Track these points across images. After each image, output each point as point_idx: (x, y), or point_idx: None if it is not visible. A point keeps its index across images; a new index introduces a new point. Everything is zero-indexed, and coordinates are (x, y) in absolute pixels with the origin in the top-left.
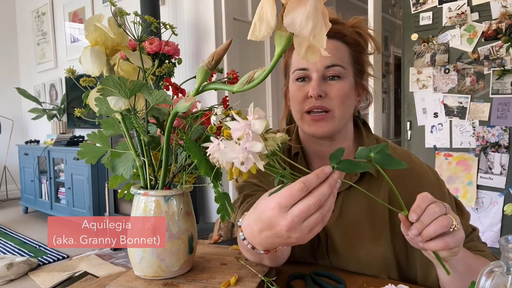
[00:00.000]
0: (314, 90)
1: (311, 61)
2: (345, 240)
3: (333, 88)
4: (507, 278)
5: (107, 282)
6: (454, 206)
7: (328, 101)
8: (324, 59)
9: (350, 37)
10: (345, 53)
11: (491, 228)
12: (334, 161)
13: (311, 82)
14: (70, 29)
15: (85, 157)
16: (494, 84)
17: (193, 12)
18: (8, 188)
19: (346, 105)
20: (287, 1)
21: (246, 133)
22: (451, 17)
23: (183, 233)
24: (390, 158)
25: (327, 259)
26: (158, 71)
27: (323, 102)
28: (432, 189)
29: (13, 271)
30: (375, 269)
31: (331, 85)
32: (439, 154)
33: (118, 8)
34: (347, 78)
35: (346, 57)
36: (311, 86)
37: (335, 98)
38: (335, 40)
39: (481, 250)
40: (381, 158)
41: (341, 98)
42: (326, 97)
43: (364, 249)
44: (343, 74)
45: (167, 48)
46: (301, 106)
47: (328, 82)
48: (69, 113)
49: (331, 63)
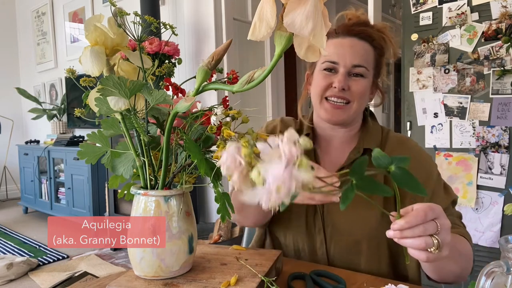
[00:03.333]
0: (340, 83)
1: (311, 61)
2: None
3: (356, 84)
4: (507, 278)
5: (107, 282)
6: (442, 188)
7: (349, 94)
8: (354, 57)
9: (378, 42)
10: (371, 55)
11: (491, 228)
12: (355, 176)
13: (338, 75)
14: (70, 29)
15: (85, 157)
16: (494, 84)
17: (193, 12)
18: (8, 188)
19: (363, 100)
20: (287, 1)
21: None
22: (451, 17)
23: (183, 233)
24: (410, 177)
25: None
26: (158, 71)
27: (345, 94)
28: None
29: (13, 271)
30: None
31: (355, 81)
32: (439, 154)
33: (118, 8)
34: (368, 78)
35: (371, 59)
36: (337, 79)
37: (356, 93)
38: (365, 42)
39: (457, 225)
40: (401, 175)
41: (360, 94)
42: (348, 90)
43: (359, 214)
44: (366, 74)
45: (167, 48)
46: (323, 92)
47: (352, 78)
48: (69, 113)
49: (358, 63)
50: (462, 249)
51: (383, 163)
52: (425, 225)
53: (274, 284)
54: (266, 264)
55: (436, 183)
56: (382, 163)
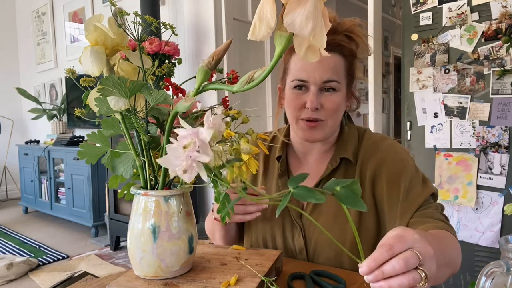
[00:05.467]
0: (312, 104)
1: (311, 60)
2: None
3: (328, 101)
4: (507, 278)
5: (107, 282)
6: (420, 182)
7: (323, 113)
8: (323, 73)
9: (347, 49)
10: (341, 66)
11: (491, 228)
12: (292, 184)
13: (309, 94)
14: (70, 29)
15: (85, 157)
16: (494, 84)
17: (193, 12)
18: (8, 188)
19: (337, 115)
20: (287, 1)
21: (193, 141)
22: (451, 17)
23: (183, 233)
24: (353, 196)
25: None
26: (158, 71)
27: (318, 114)
28: (391, 167)
29: (13, 271)
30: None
31: (327, 97)
32: (439, 154)
33: (118, 8)
34: (341, 90)
35: (341, 70)
36: (309, 99)
37: (329, 109)
38: (334, 54)
39: (437, 219)
40: (345, 194)
41: (334, 110)
42: (322, 108)
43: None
44: (338, 87)
45: (167, 48)
46: (297, 113)
47: (324, 93)
48: (69, 113)
49: (328, 79)
50: (450, 251)
51: (331, 187)
52: (403, 256)
53: (274, 284)
54: (266, 264)
55: (412, 177)
56: (329, 187)
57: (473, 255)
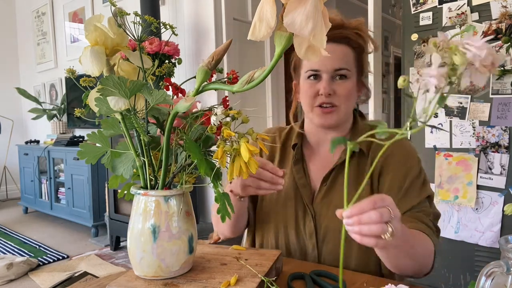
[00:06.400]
0: (325, 90)
1: (311, 60)
2: (330, 209)
3: (340, 87)
4: (507, 278)
5: (107, 282)
6: (421, 184)
7: (336, 98)
8: (334, 62)
9: (355, 41)
10: (351, 56)
11: (491, 228)
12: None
13: (322, 81)
14: (70, 29)
15: (85, 157)
16: (494, 84)
17: (193, 12)
18: (8, 188)
19: (350, 101)
20: (287, 1)
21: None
22: (451, 17)
23: (183, 233)
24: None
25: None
26: (158, 71)
27: (332, 99)
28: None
29: (13, 271)
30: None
31: (339, 84)
32: (439, 154)
33: (118, 8)
34: (351, 78)
35: (351, 60)
36: (322, 85)
37: (342, 95)
38: (343, 45)
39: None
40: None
41: (346, 96)
42: (334, 94)
43: None
44: (349, 75)
45: (167, 48)
46: (312, 101)
47: (336, 81)
48: (69, 113)
49: (339, 67)
50: (415, 243)
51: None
52: (380, 211)
53: (274, 284)
54: (266, 264)
55: (414, 178)
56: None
57: (473, 255)
